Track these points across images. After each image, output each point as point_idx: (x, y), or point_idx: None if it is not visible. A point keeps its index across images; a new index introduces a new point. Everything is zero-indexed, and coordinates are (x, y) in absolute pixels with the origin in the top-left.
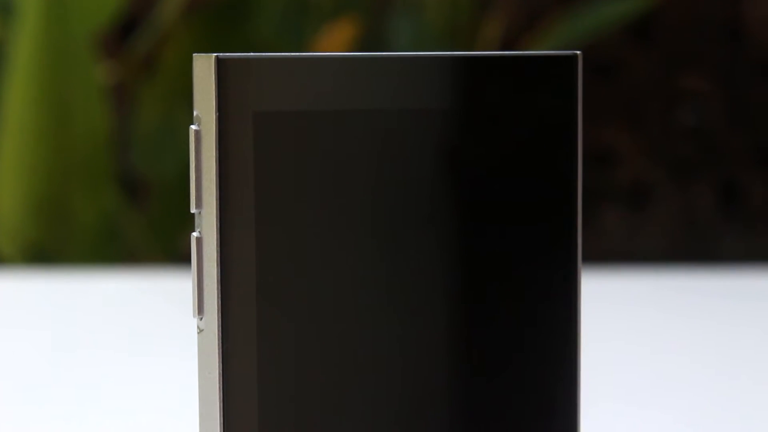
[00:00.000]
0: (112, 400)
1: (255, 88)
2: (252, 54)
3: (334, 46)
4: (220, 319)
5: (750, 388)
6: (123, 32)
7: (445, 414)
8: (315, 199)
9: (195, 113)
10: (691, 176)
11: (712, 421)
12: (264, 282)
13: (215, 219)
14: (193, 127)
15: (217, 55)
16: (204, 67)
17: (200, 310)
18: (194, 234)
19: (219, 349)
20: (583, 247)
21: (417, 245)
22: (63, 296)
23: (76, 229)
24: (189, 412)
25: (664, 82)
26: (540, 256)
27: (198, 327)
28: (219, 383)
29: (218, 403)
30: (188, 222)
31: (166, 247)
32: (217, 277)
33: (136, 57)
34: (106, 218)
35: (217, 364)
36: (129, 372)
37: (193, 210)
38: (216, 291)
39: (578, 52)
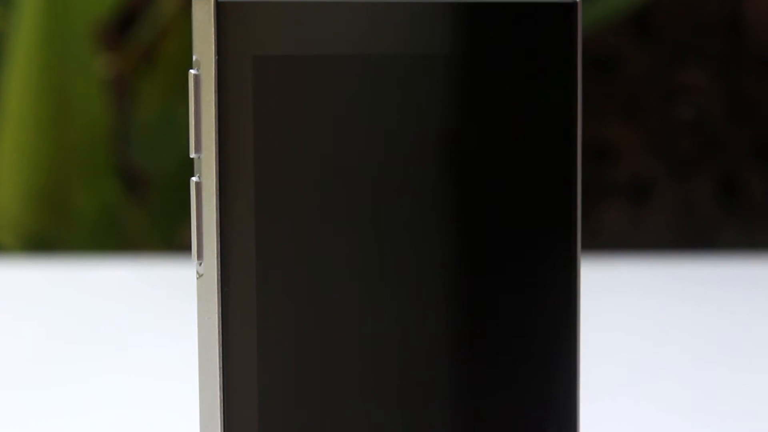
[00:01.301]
0: (112, 389)
1: (255, 32)
2: None
3: None
4: (219, 264)
5: (746, 377)
6: (123, 24)
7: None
8: (315, 143)
9: (194, 57)
10: (691, 171)
11: (714, 413)
12: (263, 226)
13: (214, 163)
14: (192, 71)
15: None
16: (203, 11)
17: (199, 254)
18: (193, 179)
19: (218, 293)
20: (583, 241)
21: (417, 193)
22: (63, 285)
23: (75, 220)
24: (189, 398)
25: (664, 76)
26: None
27: (197, 272)
28: (218, 327)
29: (217, 347)
30: (188, 215)
31: (166, 240)
32: (217, 221)
33: (135, 49)
34: (106, 210)
35: (216, 308)
36: (129, 360)
37: (192, 155)
38: (215, 235)
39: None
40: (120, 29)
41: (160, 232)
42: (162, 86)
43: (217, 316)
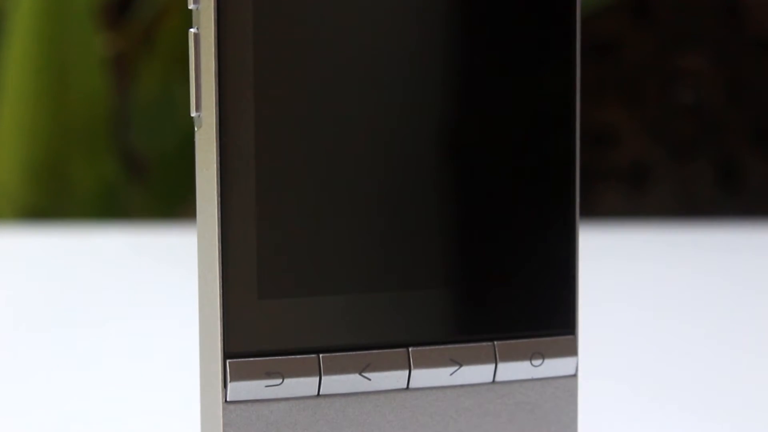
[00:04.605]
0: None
1: None
2: None
3: None
4: (217, 113)
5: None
6: (122, 4)
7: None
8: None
9: None
10: (691, 155)
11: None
12: (262, 75)
13: (213, 13)
14: None
15: None
16: None
17: (198, 106)
18: (192, 30)
19: (216, 143)
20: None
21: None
22: (61, 253)
23: (74, 195)
24: (188, 366)
25: (663, 60)
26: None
27: (196, 124)
28: (216, 178)
29: (216, 197)
30: (188, 195)
31: (166, 216)
32: (215, 71)
33: (135, 29)
34: (105, 186)
35: (215, 159)
36: (129, 325)
37: (190, 6)
38: (214, 85)
39: None
40: (120, 8)
41: (160, 210)
42: (161, 67)
43: (215, 166)
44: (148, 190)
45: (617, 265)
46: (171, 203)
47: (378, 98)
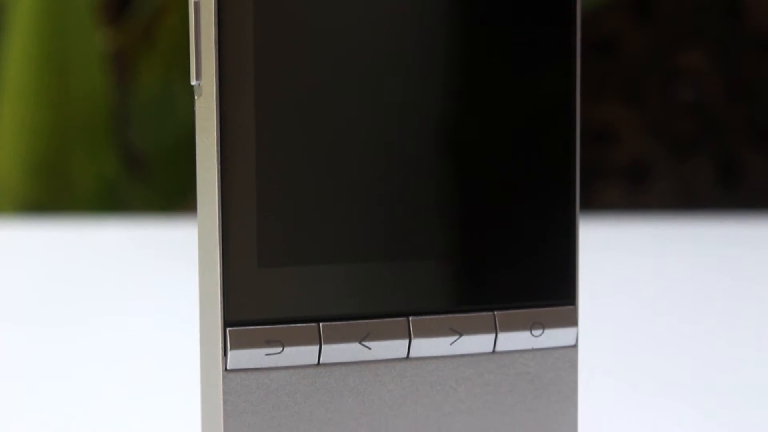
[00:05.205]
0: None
1: None
2: None
3: None
4: (217, 81)
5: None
6: (122, 0)
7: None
8: None
9: None
10: (691, 152)
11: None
12: (262, 43)
13: None
14: None
15: None
16: None
17: (198, 74)
18: None
19: (216, 111)
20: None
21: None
22: (63, 247)
23: (75, 191)
24: (188, 362)
25: (663, 58)
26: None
27: (196, 94)
28: (216, 146)
29: (215, 166)
30: (187, 190)
31: (165, 211)
32: (215, 39)
33: (135, 26)
34: (105, 181)
35: (215, 127)
36: (129, 319)
37: None
38: (214, 53)
39: None
40: (120, 5)
41: (160, 205)
42: (161, 63)
43: (215, 135)
44: (147, 185)
45: (617, 258)
46: (170, 198)
47: (381, 71)
